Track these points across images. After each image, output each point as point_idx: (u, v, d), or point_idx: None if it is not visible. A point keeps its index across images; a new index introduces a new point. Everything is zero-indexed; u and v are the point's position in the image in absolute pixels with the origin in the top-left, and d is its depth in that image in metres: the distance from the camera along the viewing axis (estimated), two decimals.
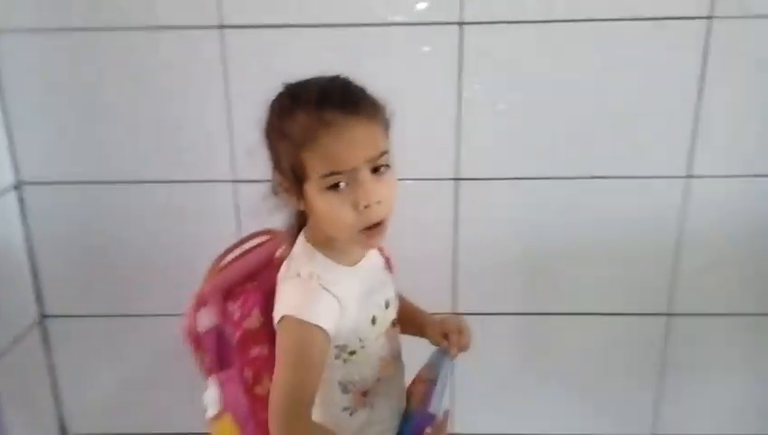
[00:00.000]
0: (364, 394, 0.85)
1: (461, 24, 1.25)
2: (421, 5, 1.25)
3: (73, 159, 1.38)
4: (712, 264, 1.40)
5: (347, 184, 0.74)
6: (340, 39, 1.26)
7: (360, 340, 0.82)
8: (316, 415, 0.80)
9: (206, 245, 0.89)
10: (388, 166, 0.77)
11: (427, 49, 1.27)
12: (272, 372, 0.77)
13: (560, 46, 1.27)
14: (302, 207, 0.80)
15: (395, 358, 0.89)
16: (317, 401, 0.78)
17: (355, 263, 0.83)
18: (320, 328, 0.75)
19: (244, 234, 0.95)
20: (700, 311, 1.44)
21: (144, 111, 1.33)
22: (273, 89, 0.79)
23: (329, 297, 0.77)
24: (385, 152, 0.76)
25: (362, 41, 1.27)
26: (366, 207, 0.74)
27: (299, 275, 0.78)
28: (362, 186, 0.74)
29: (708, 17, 1.23)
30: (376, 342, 0.84)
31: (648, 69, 1.27)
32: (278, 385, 0.75)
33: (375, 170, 0.75)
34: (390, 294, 0.88)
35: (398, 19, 1.25)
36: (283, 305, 0.77)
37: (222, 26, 1.27)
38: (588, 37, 1.26)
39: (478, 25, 1.25)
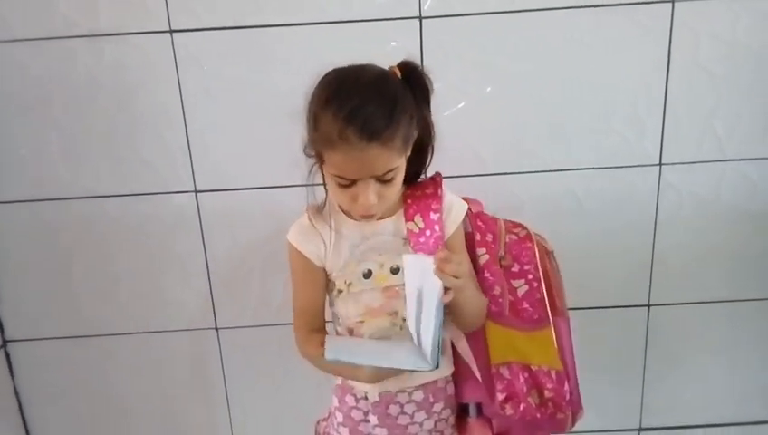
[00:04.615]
0: (350, 331, 0.98)
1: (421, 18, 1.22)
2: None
3: (24, 178, 1.32)
4: (687, 252, 1.39)
5: (352, 182, 0.85)
6: (301, 38, 1.23)
7: (347, 283, 0.97)
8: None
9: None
10: (393, 178, 0.86)
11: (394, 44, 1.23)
12: None
13: (525, 37, 1.24)
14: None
15: (389, 314, 0.96)
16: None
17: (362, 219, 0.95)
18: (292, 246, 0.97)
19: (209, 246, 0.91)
20: (679, 300, 1.43)
21: (97, 122, 1.28)
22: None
23: (312, 229, 0.96)
24: (392, 169, 0.85)
25: (324, 39, 1.23)
26: (360, 205, 0.86)
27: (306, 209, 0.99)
28: (362, 192, 0.86)
29: (671, 0, 1.21)
30: (369, 293, 0.96)
31: (615, 56, 1.25)
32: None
33: (380, 178, 0.85)
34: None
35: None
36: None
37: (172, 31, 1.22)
38: (551, 26, 1.23)
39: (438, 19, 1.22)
